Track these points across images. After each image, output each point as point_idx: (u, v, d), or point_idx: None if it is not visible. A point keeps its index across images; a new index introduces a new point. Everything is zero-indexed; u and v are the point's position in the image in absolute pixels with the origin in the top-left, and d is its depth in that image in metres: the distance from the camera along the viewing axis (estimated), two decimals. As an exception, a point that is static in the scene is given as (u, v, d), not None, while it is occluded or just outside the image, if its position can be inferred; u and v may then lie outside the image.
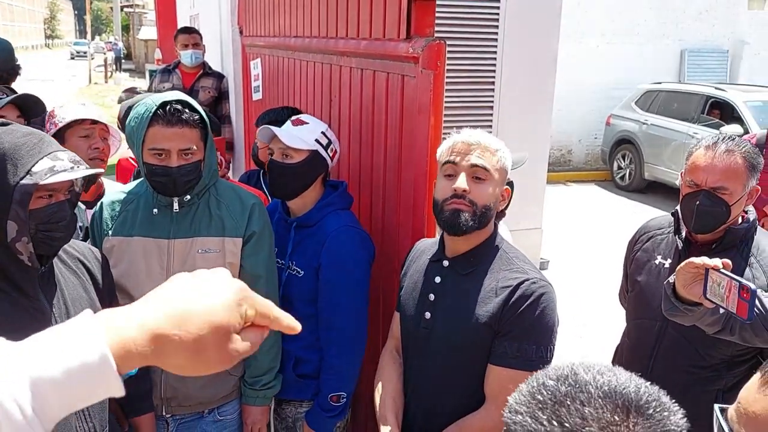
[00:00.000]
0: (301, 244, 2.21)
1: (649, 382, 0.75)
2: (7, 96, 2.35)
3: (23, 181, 1.40)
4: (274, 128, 2.17)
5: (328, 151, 2.21)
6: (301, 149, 2.15)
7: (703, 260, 1.58)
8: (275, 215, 2.32)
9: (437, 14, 2.14)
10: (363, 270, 2.17)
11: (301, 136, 2.16)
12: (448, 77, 2.09)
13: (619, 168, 10.31)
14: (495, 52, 5.44)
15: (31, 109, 2.34)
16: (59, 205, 1.50)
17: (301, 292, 2.20)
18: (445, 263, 1.77)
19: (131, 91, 3.99)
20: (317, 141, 2.18)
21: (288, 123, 2.23)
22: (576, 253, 6.85)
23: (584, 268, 6.37)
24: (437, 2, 2.13)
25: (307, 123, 2.22)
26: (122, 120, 2.51)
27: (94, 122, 2.46)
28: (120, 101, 3.84)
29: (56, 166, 1.44)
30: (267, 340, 2.23)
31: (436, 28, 2.12)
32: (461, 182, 1.65)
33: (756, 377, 0.87)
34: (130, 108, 2.40)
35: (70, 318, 1.58)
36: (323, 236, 2.15)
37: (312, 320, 2.19)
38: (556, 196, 8.94)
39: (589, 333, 4.95)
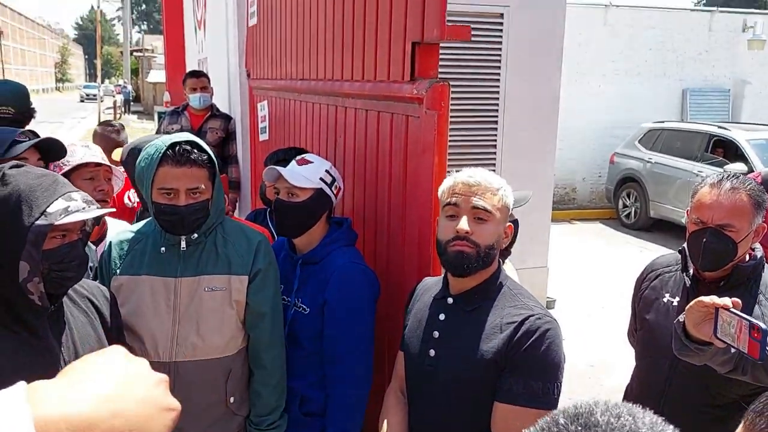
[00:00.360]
0: (307, 281, 2.22)
1: (671, 428, 0.72)
2: (30, 139, 2.39)
3: (38, 222, 1.42)
4: (279, 168, 2.21)
5: (333, 188, 2.25)
6: (306, 188, 2.18)
7: (713, 299, 1.57)
8: (281, 253, 2.34)
9: (440, 55, 2.18)
10: (368, 306, 2.18)
11: (306, 174, 2.19)
12: (451, 117, 2.13)
13: (625, 206, 10.32)
14: (498, 92, 5.51)
15: (52, 153, 2.37)
16: (72, 245, 1.52)
17: (307, 330, 2.19)
18: (450, 300, 1.76)
19: (106, 125, 4.05)
20: (322, 179, 2.21)
21: (293, 162, 2.26)
22: (583, 292, 6.81)
23: (592, 308, 6.32)
24: (440, 44, 2.18)
25: (312, 162, 2.25)
26: (123, 162, 2.55)
27: (98, 164, 2.52)
28: (95, 134, 3.87)
29: (70, 207, 1.46)
30: (272, 378, 2.21)
31: (440, 69, 2.16)
32: (463, 224, 1.65)
33: (740, 427, 0.85)
34: (133, 149, 2.43)
35: (78, 357, 1.58)
36: (328, 273, 2.16)
37: (318, 357, 2.19)
38: (561, 234, 8.93)
39: (597, 373, 4.89)
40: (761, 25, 11.95)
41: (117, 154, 3.30)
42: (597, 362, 5.02)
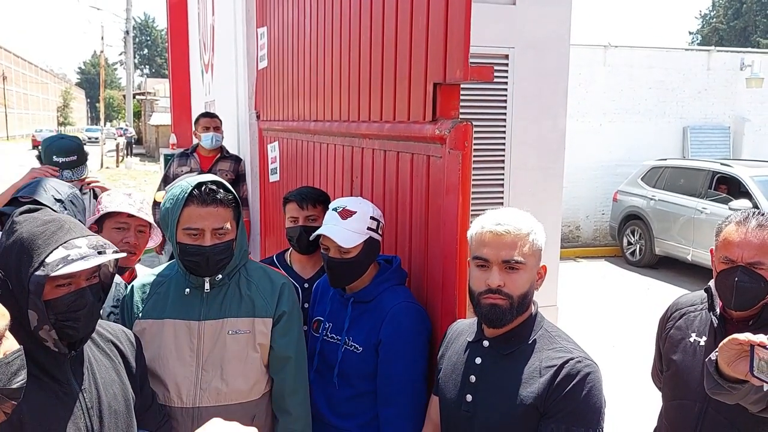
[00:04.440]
0: (359, 320, 2.18)
1: None
2: None
3: (36, 273, 1.39)
4: (326, 232, 2.14)
5: (379, 231, 2.21)
6: (358, 243, 2.13)
7: (748, 336, 1.55)
8: (329, 291, 2.30)
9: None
10: (422, 346, 2.13)
11: (353, 229, 2.13)
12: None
13: (629, 243, 10.32)
14: (504, 132, 5.55)
15: None
16: (78, 293, 1.47)
17: (360, 369, 2.14)
18: (486, 343, 1.73)
19: None
20: (369, 228, 2.16)
21: (336, 216, 2.17)
22: (592, 331, 6.73)
23: (602, 347, 6.24)
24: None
25: (355, 212, 2.17)
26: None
27: (131, 216, 2.42)
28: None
29: (70, 255, 1.42)
30: (297, 424, 2.13)
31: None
32: (494, 279, 1.62)
33: None
34: None
35: (101, 402, 1.55)
36: (382, 312, 2.12)
37: (369, 397, 2.13)
38: (567, 272, 8.88)
39: (611, 414, 4.79)
40: (758, 64, 12.13)
41: (159, 195, 3.29)
42: (611, 403, 4.92)
